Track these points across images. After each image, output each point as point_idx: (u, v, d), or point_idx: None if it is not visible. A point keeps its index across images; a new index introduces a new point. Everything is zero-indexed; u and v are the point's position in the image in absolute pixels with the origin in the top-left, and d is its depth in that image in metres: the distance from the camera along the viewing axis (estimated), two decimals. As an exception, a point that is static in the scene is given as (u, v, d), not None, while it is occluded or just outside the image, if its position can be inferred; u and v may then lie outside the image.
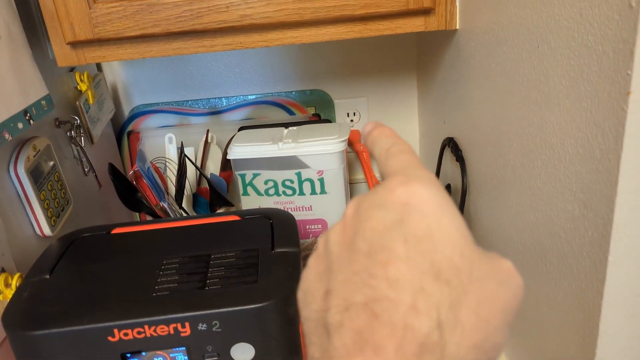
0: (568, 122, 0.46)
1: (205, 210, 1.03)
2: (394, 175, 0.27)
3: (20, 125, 0.68)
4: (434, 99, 0.97)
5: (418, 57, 1.09)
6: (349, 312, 0.24)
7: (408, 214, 0.25)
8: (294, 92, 1.13)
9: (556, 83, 0.47)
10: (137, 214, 1.16)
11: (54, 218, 0.77)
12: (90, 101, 0.96)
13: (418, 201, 0.25)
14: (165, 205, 0.96)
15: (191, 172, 1.05)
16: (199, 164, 1.07)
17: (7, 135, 0.65)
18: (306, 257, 0.99)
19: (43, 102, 0.76)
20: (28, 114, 0.71)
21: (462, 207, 0.80)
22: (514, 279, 0.25)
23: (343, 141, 0.91)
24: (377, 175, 1.17)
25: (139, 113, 1.14)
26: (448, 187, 0.88)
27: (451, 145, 0.83)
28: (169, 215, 0.97)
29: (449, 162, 0.88)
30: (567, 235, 0.49)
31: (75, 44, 0.74)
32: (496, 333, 0.24)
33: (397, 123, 1.16)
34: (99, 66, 1.09)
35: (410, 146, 0.31)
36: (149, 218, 1.01)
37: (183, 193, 0.97)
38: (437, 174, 0.93)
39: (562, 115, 0.47)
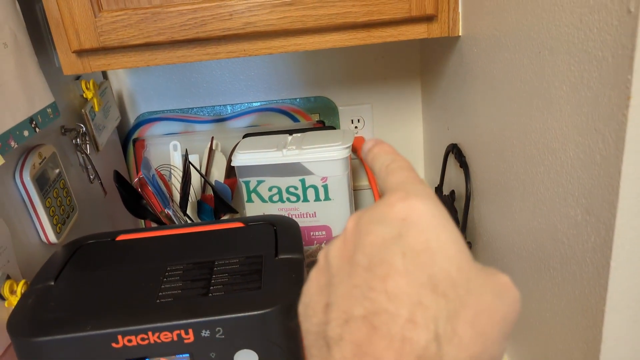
0: (569, 127, 0.46)
1: (210, 217, 1.03)
2: (394, 190, 0.28)
3: (26, 133, 0.69)
4: (438, 106, 0.97)
5: (421, 63, 1.09)
6: (349, 325, 0.25)
7: (407, 228, 0.26)
8: (298, 99, 1.13)
9: (557, 89, 0.47)
10: (142, 220, 1.17)
11: (59, 225, 0.77)
12: (96, 109, 0.97)
13: (416, 216, 0.26)
14: (170, 212, 0.97)
15: (196, 179, 1.05)
16: (203, 171, 1.07)
17: (12, 143, 0.66)
18: (310, 263, 1.00)
19: (49, 110, 0.76)
20: (34, 122, 0.71)
21: (466, 212, 0.80)
22: (511, 292, 0.26)
23: (347, 148, 0.91)
24: (381, 181, 1.17)
25: (144, 121, 1.15)
26: (452, 194, 0.88)
27: (455, 151, 0.83)
28: (174, 222, 0.97)
29: (453, 168, 0.88)
30: (570, 241, 0.48)
31: (80, 52, 0.75)
32: (493, 346, 0.24)
33: (401, 130, 1.16)
34: (104, 74, 1.10)
35: (410, 163, 0.32)
36: (153, 225, 1.02)
37: (188, 200, 0.97)
38: (441, 180, 0.93)
39: (564, 120, 0.47)
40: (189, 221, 0.99)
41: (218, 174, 1.09)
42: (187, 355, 0.58)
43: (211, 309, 0.58)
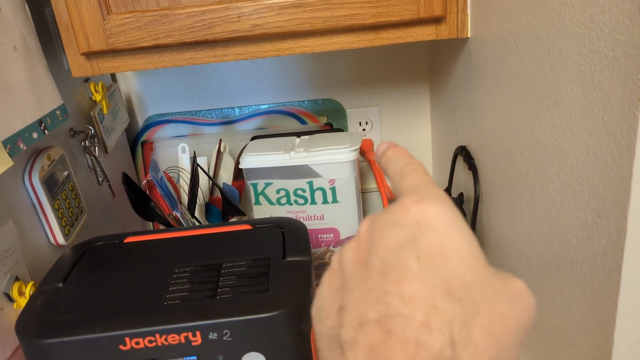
0: (580, 128, 0.45)
1: (218, 219, 1.03)
2: (408, 194, 0.28)
3: (35, 135, 0.69)
4: (446, 107, 0.97)
5: (430, 65, 1.09)
6: (363, 328, 0.24)
7: (421, 232, 0.26)
8: (306, 102, 1.13)
9: (567, 90, 0.47)
10: (150, 223, 1.17)
11: (67, 227, 0.77)
12: (105, 111, 0.97)
13: (431, 220, 0.26)
14: (178, 215, 0.97)
15: (204, 181, 1.05)
16: (211, 173, 1.07)
17: (22, 145, 0.66)
18: (318, 266, 0.99)
19: (58, 112, 0.77)
20: (43, 124, 0.72)
21: (474, 215, 0.79)
22: (527, 298, 0.26)
23: (355, 150, 0.91)
24: (389, 184, 1.16)
25: (153, 123, 1.15)
26: (461, 196, 0.87)
27: (463, 153, 0.83)
28: (182, 225, 0.97)
29: (462, 171, 0.87)
30: (580, 244, 0.48)
31: (89, 55, 0.75)
32: (508, 351, 0.24)
33: (409, 132, 1.15)
34: (113, 76, 1.10)
35: (423, 165, 0.32)
36: (161, 227, 1.02)
37: (196, 202, 0.98)
38: (450, 182, 0.92)
39: (574, 122, 0.46)
40: (197, 223, 0.99)
41: (226, 176, 1.09)
42: (195, 357, 0.58)
43: (219, 311, 0.58)
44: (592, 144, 0.44)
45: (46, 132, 0.72)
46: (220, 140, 1.09)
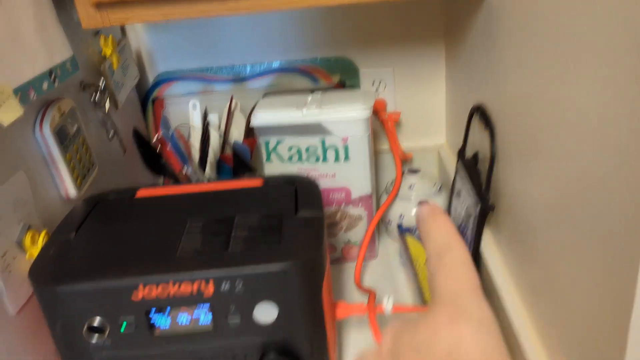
0: (607, 82, 0.44)
1: (229, 176, 1.03)
2: (442, 304, 0.25)
3: (45, 86, 0.68)
4: (462, 67, 0.95)
5: (446, 24, 1.06)
6: None
7: None
8: (318, 59, 1.11)
9: (595, 42, 0.45)
10: (162, 179, 1.17)
11: (79, 179, 0.77)
12: (115, 66, 0.96)
13: (464, 351, 0.23)
14: (189, 172, 0.96)
15: (215, 138, 1.05)
16: (222, 130, 1.07)
17: (32, 94, 0.65)
18: (328, 225, 0.98)
19: (68, 64, 0.76)
20: (53, 74, 0.71)
21: (489, 174, 0.78)
22: None
23: (368, 108, 0.89)
24: (402, 146, 1.15)
25: (163, 80, 1.14)
26: (475, 155, 0.86)
27: (479, 112, 0.81)
28: (193, 181, 0.97)
29: (477, 131, 0.86)
30: (601, 197, 0.47)
31: (99, 5, 0.73)
32: None
33: (424, 93, 1.13)
34: (123, 31, 1.09)
35: (466, 251, 0.28)
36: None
37: (207, 159, 0.97)
38: (464, 142, 0.91)
39: (598, 77, 0.45)
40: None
41: (237, 134, 1.08)
42: (207, 305, 0.58)
43: (231, 261, 0.58)
44: (618, 97, 0.42)
45: (56, 83, 0.71)
46: (232, 97, 1.07)
